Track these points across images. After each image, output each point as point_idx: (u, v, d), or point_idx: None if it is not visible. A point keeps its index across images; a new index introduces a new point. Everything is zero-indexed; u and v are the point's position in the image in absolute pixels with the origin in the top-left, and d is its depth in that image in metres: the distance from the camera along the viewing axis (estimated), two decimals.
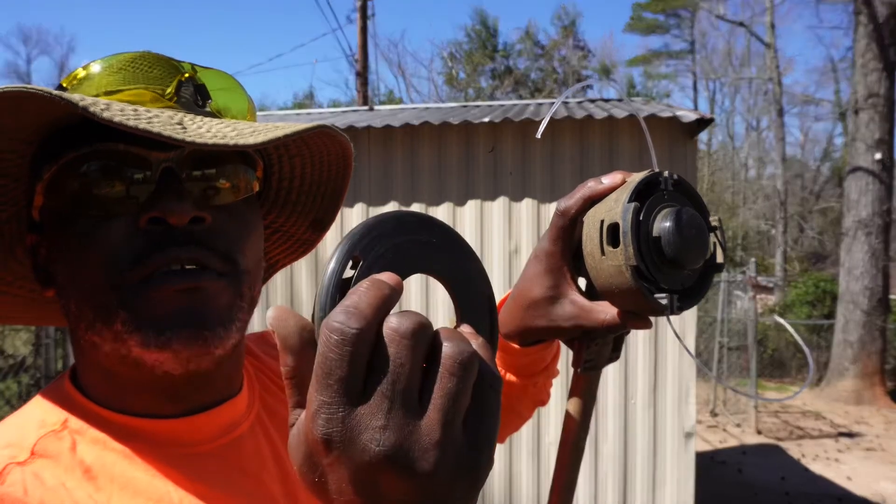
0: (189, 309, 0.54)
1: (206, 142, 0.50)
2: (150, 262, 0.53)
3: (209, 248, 0.55)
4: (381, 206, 3.83)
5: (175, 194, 0.53)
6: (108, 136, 0.53)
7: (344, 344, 0.33)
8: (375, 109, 5.22)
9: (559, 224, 0.63)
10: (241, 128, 0.55)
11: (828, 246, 25.00)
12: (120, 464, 0.54)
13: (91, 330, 0.55)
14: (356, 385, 0.33)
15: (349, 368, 0.33)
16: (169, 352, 0.53)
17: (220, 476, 0.58)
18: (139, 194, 0.54)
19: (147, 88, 0.57)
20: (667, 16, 29.22)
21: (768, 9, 21.91)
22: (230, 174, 0.59)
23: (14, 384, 4.82)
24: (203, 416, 0.60)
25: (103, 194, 0.54)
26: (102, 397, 0.58)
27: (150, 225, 0.53)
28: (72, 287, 0.55)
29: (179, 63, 0.60)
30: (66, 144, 0.54)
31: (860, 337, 9.95)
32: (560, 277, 0.65)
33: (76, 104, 0.46)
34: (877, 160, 9.85)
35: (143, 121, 0.49)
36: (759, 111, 27.49)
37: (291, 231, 0.77)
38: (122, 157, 0.54)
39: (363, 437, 0.33)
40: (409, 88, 26.32)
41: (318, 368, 0.34)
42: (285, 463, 0.65)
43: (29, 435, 0.54)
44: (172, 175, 0.54)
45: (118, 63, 0.58)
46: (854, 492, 6.19)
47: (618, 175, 0.58)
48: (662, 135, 3.56)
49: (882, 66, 9.87)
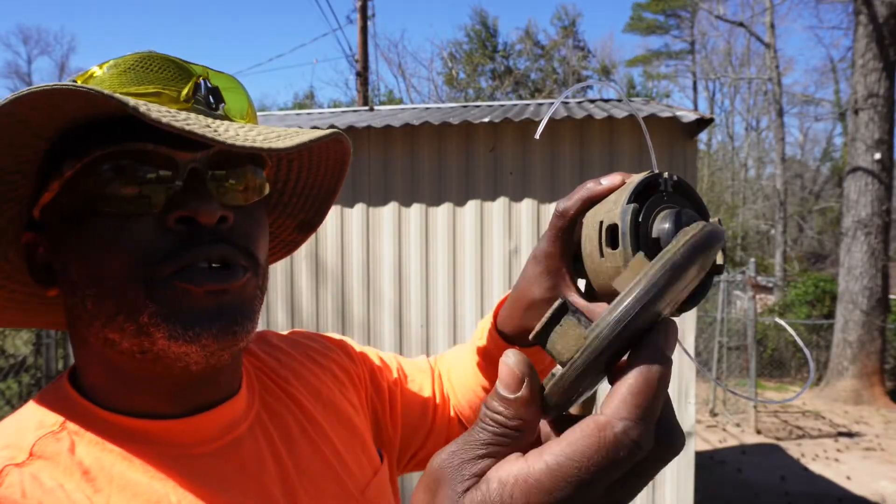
0: (218, 307, 0.55)
1: (245, 145, 0.51)
2: (182, 258, 0.54)
3: (234, 246, 0.56)
4: (380, 206, 3.83)
5: (203, 194, 0.55)
6: (136, 136, 0.54)
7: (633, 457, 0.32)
8: (375, 109, 5.22)
9: (558, 225, 0.63)
10: (266, 132, 0.57)
11: (827, 246, 25.01)
12: (118, 465, 0.55)
13: (110, 325, 0.55)
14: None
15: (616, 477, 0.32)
16: (197, 345, 0.54)
17: (219, 477, 0.59)
18: (166, 193, 0.55)
19: (164, 89, 0.58)
20: (667, 16, 29.23)
21: (768, 9, 21.91)
22: (248, 177, 0.60)
23: (14, 384, 4.82)
24: (202, 416, 0.60)
25: (130, 193, 0.54)
26: (103, 398, 0.58)
27: (178, 224, 0.54)
28: (90, 284, 0.55)
29: (189, 64, 0.60)
30: (92, 142, 0.54)
31: (859, 337, 9.95)
32: (559, 279, 0.65)
33: (126, 104, 0.47)
34: (876, 160, 9.85)
35: (182, 122, 0.50)
36: (759, 111, 27.50)
37: (277, 232, 0.78)
38: (150, 156, 0.55)
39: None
40: (409, 88, 26.33)
41: (597, 463, 0.31)
42: (284, 463, 0.65)
43: (27, 436, 0.54)
44: (199, 176, 0.56)
45: (126, 63, 0.58)
46: (853, 491, 6.19)
47: (617, 176, 0.59)
48: (662, 135, 3.56)
49: (882, 66, 9.87)
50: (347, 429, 0.75)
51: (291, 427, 0.69)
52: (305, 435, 0.70)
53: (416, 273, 3.81)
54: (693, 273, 0.39)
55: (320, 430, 0.71)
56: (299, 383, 0.75)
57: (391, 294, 3.83)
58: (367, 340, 3.84)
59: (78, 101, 0.49)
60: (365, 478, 0.72)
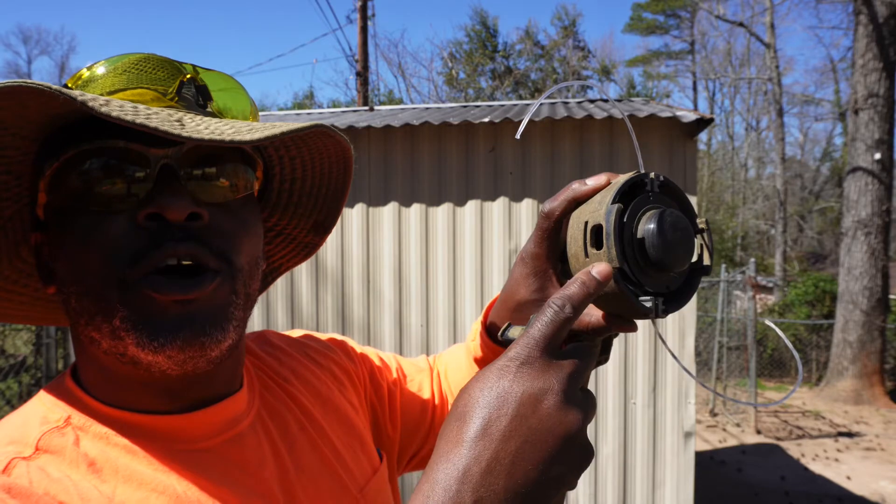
0: (184, 315, 0.54)
1: (203, 137, 0.51)
2: (148, 259, 0.53)
3: (205, 245, 0.55)
4: (380, 206, 3.83)
5: (172, 190, 0.54)
6: (109, 134, 0.54)
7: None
8: (375, 109, 5.22)
9: (543, 226, 0.63)
10: (239, 126, 0.56)
11: (827, 246, 25.01)
12: (123, 458, 0.55)
13: (91, 325, 0.55)
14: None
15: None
16: (163, 355, 0.54)
17: (220, 473, 0.59)
18: (139, 191, 0.54)
19: (149, 88, 0.58)
20: (666, 16, 29.24)
21: (768, 9, 21.91)
22: (229, 173, 0.59)
23: (14, 384, 4.82)
24: (203, 412, 0.60)
25: (104, 191, 0.54)
26: (103, 394, 0.58)
27: (148, 221, 0.54)
28: (73, 282, 0.55)
29: (181, 64, 0.61)
30: (68, 142, 0.54)
31: (859, 337, 9.95)
32: (545, 280, 0.65)
33: (75, 99, 0.47)
34: (876, 160, 9.85)
35: (142, 117, 0.50)
36: (759, 111, 27.51)
37: (294, 234, 0.77)
38: (123, 154, 0.54)
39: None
40: (409, 88, 26.31)
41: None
42: (284, 461, 0.65)
43: (32, 431, 0.54)
44: (171, 172, 0.55)
45: (123, 65, 0.58)
46: (853, 491, 6.19)
47: (603, 176, 0.58)
48: (662, 135, 3.56)
49: (882, 66, 9.87)
50: (346, 428, 0.75)
51: (291, 425, 0.69)
52: (305, 433, 0.70)
53: (416, 273, 3.81)
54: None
55: (320, 429, 0.71)
56: (299, 383, 0.75)
57: (391, 294, 3.83)
58: (367, 340, 3.84)
59: (38, 98, 0.49)
60: (364, 477, 0.72)
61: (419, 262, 3.81)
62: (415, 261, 3.81)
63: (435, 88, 26.56)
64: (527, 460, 0.42)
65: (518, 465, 0.42)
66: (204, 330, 0.54)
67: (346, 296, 3.89)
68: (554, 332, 0.46)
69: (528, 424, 0.43)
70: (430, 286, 3.80)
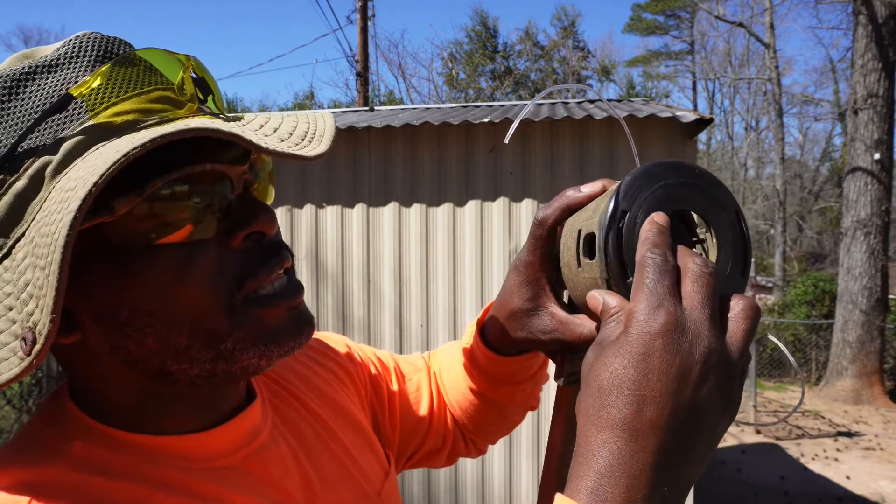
0: (298, 316, 0.54)
1: (309, 154, 0.46)
2: (257, 278, 0.51)
3: (287, 249, 0.55)
4: (380, 206, 3.84)
5: (260, 206, 0.52)
6: (190, 158, 0.48)
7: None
8: (376, 110, 5.22)
9: (537, 234, 0.61)
10: (277, 126, 0.51)
11: (827, 246, 25.02)
12: (145, 490, 0.50)
13: (177, 359, 0.51)
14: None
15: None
16: (286, 355, 0.53)
17: (245, 489, 0.56)
18: (227, 212, 0.51)
19: (166, 91, 0.51)
20: (666, 16, 29.24)
21: (768, 9, 21.91)
22: (273, 174, 0.59)
23: (15, 384, 4.82)
24: (223, 428, 0.57)
25: (192, 218, 0.49)
26: (116, 418, 0.54)
27: (245, 241, 0.51)
28: (151, 322, 0.49)
29: (174, 55, 0.53)
30: (145, 171, 0.47)
31: (859, 337, 9.95)
32: (538, 289, 0.63)
33: (257, 144, 0.43)
34: (876, 160, 9.85)
35: (275, 140, 0.46)
36: (759, 111, 27.51)
37: None
38: (208, 177, 0.49)
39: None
40: (410, 89, 26.31)
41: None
42: (307, 471, 0.63)
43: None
44: (248, 188, 0.53)
45: (123, 73, 0.51)
46: (853, 491, 6.20)
47: (598, 183, 0.57)
48: (661, 135, 3.57)
49: (881, 67, 9.87)
50: (355, 430, 0.73)
51: (306, 433, 0.67)
52: (319, 439, 0.68)
53: (416, 273, 3.82)
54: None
55: (332, 434, 0.69)
56: (304, 385, 0.73)
57: (391, 294, 3.84)
58: (367, 340, 3.84)
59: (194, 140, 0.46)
60: (378, 480, 0.71)
61: (419, 262, 3.82)
62: (415, 261, 3.82)
63: (435, 89, 26.58)
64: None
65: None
66: (312, 321, 0.55)
67: (346, 296, 3.89)
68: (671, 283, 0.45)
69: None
70: (430, 286, 3.81)
